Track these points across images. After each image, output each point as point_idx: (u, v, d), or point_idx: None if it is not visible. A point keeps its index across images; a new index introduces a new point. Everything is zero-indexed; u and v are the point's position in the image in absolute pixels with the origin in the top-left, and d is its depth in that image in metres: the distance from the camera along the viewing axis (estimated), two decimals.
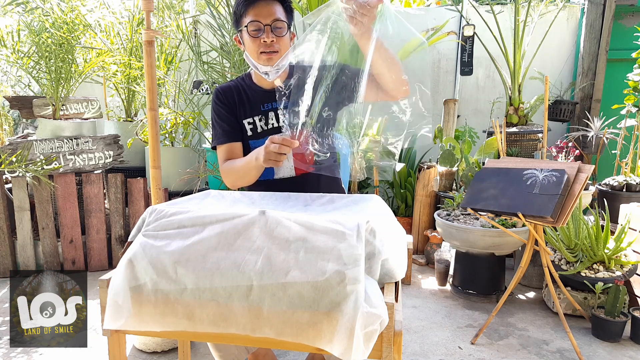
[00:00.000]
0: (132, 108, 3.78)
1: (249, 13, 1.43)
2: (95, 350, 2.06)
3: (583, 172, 1.90)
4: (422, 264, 3.42)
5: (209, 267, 0.90)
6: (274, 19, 1.42)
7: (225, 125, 1.59)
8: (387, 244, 0.95)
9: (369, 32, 1.20)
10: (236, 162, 1.54)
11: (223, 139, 1.59)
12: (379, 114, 1.40)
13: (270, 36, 1.42)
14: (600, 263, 2.40)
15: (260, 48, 1.44)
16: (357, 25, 1.19)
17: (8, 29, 3.17)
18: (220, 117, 1.59)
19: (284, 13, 1.46)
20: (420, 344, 2.17)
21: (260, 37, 1.43)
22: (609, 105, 3.68)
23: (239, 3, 1.46)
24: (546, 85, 2.38)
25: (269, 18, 1.42)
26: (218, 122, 1.60)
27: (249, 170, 1.47)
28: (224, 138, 1.59)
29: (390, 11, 1.19)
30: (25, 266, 3.07)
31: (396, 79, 1.33)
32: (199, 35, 3.33)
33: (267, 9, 1.42)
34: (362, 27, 1.18)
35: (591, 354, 2.10)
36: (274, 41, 1.43)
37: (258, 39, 1.43)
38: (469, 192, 2.17)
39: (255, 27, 1.43)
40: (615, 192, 2.93)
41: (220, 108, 1.59)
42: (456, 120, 3.84)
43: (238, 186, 1.59)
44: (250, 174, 1.48)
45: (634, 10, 4.23)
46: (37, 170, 2.81)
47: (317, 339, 0.84)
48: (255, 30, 1.43)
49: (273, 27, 1.43)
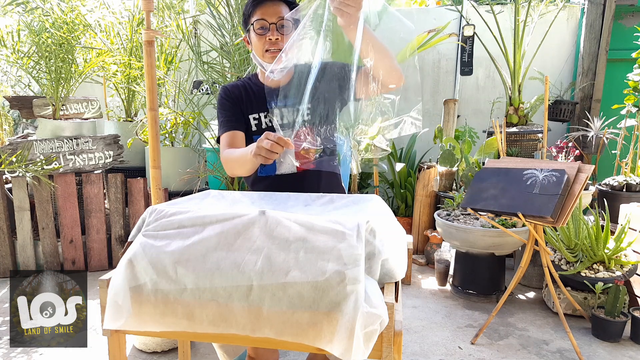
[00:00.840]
0: (132, 108, 3.78)
1: (256, 12, 1.47)
2: (95, 350, 2.06)
3: (583, 172, 1.90)
4: (422, 264, 3.42)
5: (209, 267, 0.90)
6: (280, 17, 1.45)
7: (230, 114, 1.61)
8: (387, 244, 0.95)
9: (356, 22, 1.21)
10: (235, 151, 1.55)
11: (226, 127, 1.61)
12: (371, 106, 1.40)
13: (276, 34, 1.45)
14: (600, 263, 2.40)
15: (266, 46, 1.46)
16: (343, 16, 1.19)
17: (8, 29, 3.17)
18: (224, 108, 1.62)
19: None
20: (420, 344, 2.17)
21: (266, 35, 1.45)
22: (609, 105, 3.69)
23: (248, 4, 1.50)
24: (546, 85, 2.38)
25: (274, 16, 1.45)
26: (222, 112, 1.62)
27: (244, 162, 1.47)
28: (227, 126, 1.61)
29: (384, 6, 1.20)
30: (25, 266, 3.06)
31: (389, 66, 1.33)
32: (199, 35, 3.32)
33: (274, 9, 1.45)
34: (348, 17, 1.19)
35: (591, 354, 2.10)
36: (279, 39, 1.46)
37: (264, 37, 1.46)
38: (469, 192, 2.17)
39: (261, 25, 1.46)
40: (615, 192, 2.93)
41: (226, 101, 1.62)
42: (456, 120, 3.84)
43: (237, 175, 1.60)
44: (246, 166, 1.49)
45: (634, 10, 4.23)
46: (37, 170, 2.81)
47: (317, 339, 0.84)
48: (261, 29, 1.46)
49: (278, 26, 1.45)
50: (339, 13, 1.19)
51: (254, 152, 1.27)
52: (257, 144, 1.27)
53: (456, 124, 3.82)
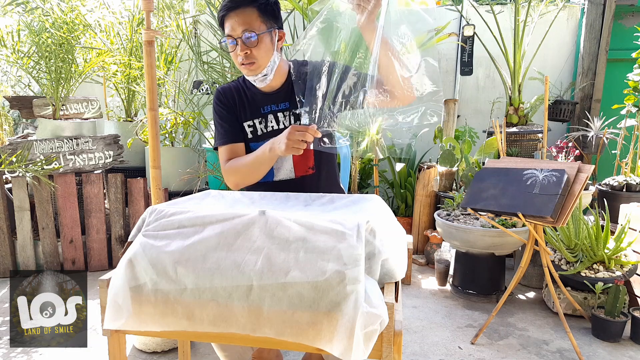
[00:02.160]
0: (132, 108, 3.78)
1: (225, 25, 1.43)
2: (95, 350, 2.06)
3: (583, 172, 1.90)
4: (422, 264, 3.42)
5: (209, 267, 0.90)
6: (244, 29, 1.38)
7: (227, 125, 1.58)
8: (387, 244, 0.95)
9: (373, 21, 1.20)
10: (242, 159, 1.53)
11: (225, 139, 1.58)
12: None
13: (243, 48, 1.40)
14: (600, 263, 2.40)
15: (238, 60, 1.43)
16: (362, 12, 1.19)
17: (8, 29, 3.17)
18: (222, 118, 1.59)
19: (259, 19, 1.40)
20: (420, 344, 2.17)
21: (235, 51, 1.42)
22: (609, 105, 3.68)
23: (219, 16, 1.45)
24: (546, 85, 2.38)
25: (239, 29, 1.39)
26: (220, 122, 1.60)
27: (259, 165, 1.47)
28: (226, 138, 1.58)
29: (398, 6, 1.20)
30: (25, 266, 3.07)
31: (401, 79, 1.30)
32: (199, 35, 3.33)
33: (238, 20, 1.39)
34: (366, 14, 1.19)
35: (591, 354, 2.10)
36: (247, 53, 1.40)
37: (234, 53, 1.43)
38: (469, 192, 2.17)
39: (231, 41, 1.42)
40: (615, 192, 2.93)
41: (222, 109, 1.59)
42: (456, 120, 3.84)
43: (241, 186, 1.57)
44: (260, 169, 1.48)
45: (634, 10, 4.23)
46: (37, 170, 2.81)
47: (317, 339, 0.84)
48: (231, 44, 1.43)
49: (244, 39, 1.39)
50: (358, 9, 1.19)
51: (286, 146, 1.29)
52: (287, 137, 1.29)
53: (456, 124, 3.82)
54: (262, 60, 1.43)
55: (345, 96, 1.32)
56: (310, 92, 1.29)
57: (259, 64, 1.43)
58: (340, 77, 1.28)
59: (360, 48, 1.31)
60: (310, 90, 1.29)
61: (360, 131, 1.41)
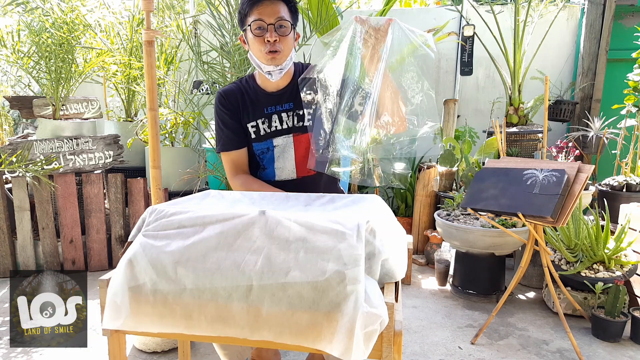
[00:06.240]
0: (132, 108, 3.78)
1: (253, 12, 1.43)
2: (95, 350, 2.06)
3: (583, 172, 1.90)
4: (422, 264, 3.42)
5: (209, 267, 0.90)
6: (278, 17, 1.42)
7: (230, 132, 1.59)
8: (387, 244, 0.95)
9: (377, 54, 1.24)
10: (255, 184, 1.57)
11: (229, 146, 1.59)
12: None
13: (274, 35, 1.42)
14: (600, 263, 2.40)
15: (264, 47, 1.43)
16: (365, 46, 1.23)
17: (8, 29, 3.17)
18: (225, 123, 1.59)
19: (288, 13, 1.46)
20: (420, 344, 2.17)
21: (264, 36, 1.42)
22: (609, 105, 3.69)
23: (244, 2, 1.46)
24: (546, 85, 2.38)
25: (272, 17, 1.41)
26: (222, 128, 1.60)
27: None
28: (230, 145, 1.59)
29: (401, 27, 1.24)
30: (25, 266, 3.06)
31: (397, 113, 1.34)
32: (199, 35, 3.32)
33: (272, 8, 1.42)
34: (369, 48, 1.23)
35: (591, 354, 2.10)
36: (277, 40, 1.43)
37: (262, 38, 1.43)
38: (469, 192, 2.16)
39: (259, 26, 1.42)
40: (615, 192, 2.93)
41: (224, 114, 1.59)
42: (456, 120, 3.85)
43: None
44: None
45: (634, 10, 4.22)
46: (37, 170, 2.81)
47: (317, 339, 0.84)
48: (258, 29, 1.42)
49: (277, 26, 1.42)
50: (365, 44, 1.24)
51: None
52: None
53: (456, 124, 3.82)
54: (286, 52, 1.46)
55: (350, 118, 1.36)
56: (319, 120, 1.34)
57: (283, 54, 1.46)
58: (348, 104, 1.32)
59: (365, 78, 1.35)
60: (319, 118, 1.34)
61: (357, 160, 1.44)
